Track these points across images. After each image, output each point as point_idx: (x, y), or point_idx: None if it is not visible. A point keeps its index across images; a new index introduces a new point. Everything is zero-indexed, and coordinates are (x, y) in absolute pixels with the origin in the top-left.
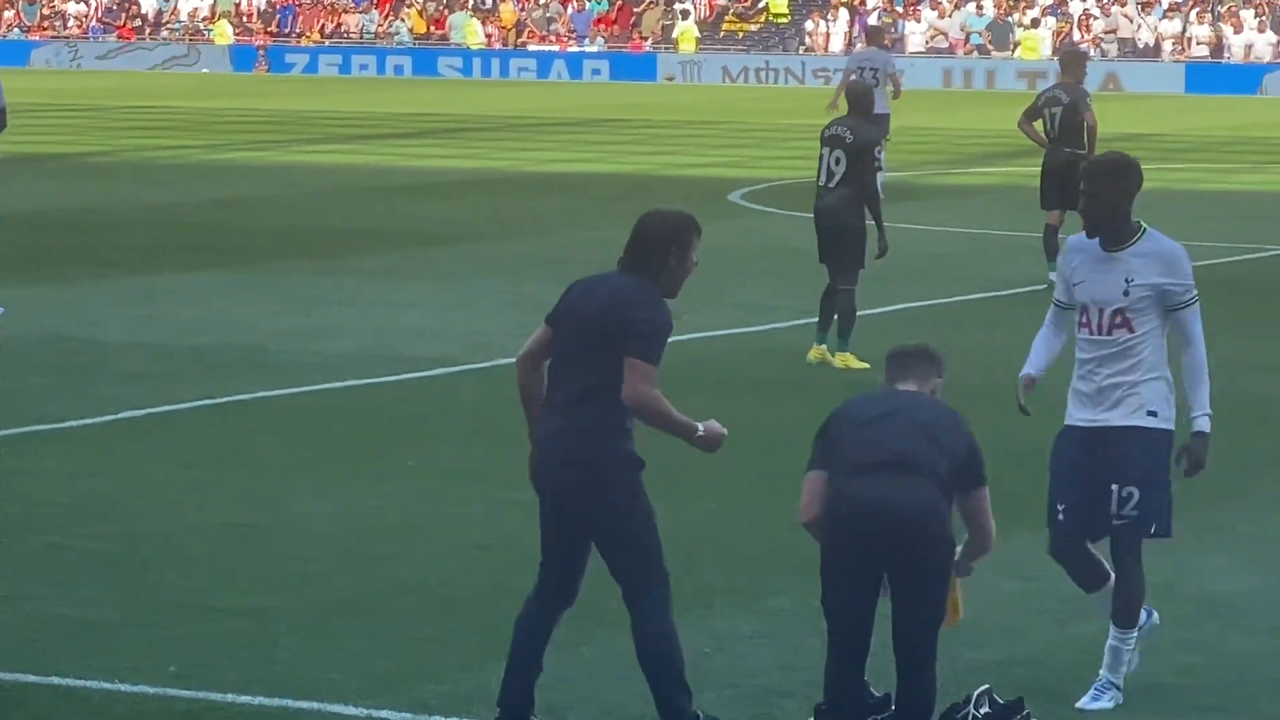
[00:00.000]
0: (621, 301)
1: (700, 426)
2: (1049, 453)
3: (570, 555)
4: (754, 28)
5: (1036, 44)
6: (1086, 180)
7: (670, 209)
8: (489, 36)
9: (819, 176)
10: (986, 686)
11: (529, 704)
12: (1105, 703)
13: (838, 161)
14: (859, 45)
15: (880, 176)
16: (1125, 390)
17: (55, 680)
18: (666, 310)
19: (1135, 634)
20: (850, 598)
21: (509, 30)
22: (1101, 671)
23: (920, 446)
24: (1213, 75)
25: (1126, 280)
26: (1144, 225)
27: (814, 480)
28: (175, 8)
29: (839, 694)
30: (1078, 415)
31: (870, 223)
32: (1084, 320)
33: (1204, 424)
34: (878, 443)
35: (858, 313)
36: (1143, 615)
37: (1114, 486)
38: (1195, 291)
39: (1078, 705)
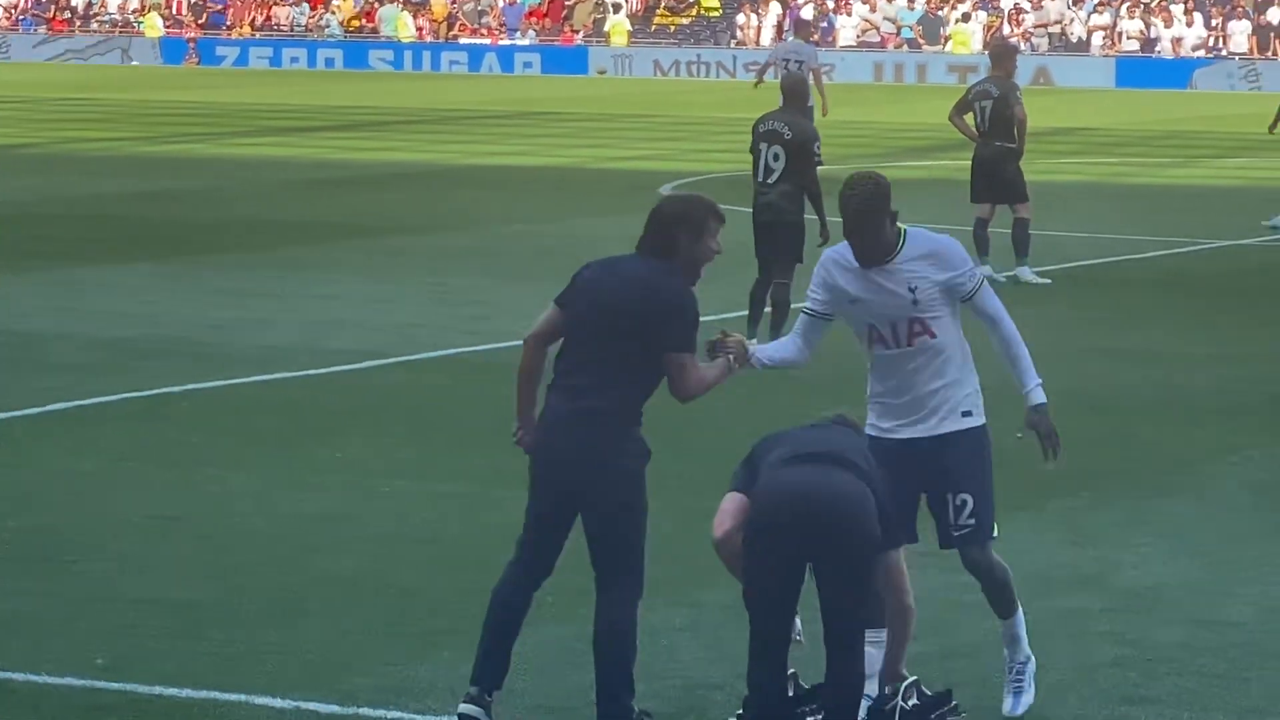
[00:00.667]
0: (650, 291)
1: (729, 360)
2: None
3: (559, 534)
4: (685, 21)
5: (967, 38)
6: (856, 221)
7: (686, 193)
8: (420, 29)
9: (756, 173)
10: (914, 678)
11: (505, 674)
12: (1028, 695)
13: (776, 157)
14: (788, 37)
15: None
16: (939, 397)
17: None
18: (693, 295)
19: (1020, 615)
20: (775, 589)
21: (440, 23)
22: (1010, 662)
23: (847, 447)
24: (1143, 70)
25: (910, 289)
26: (901, 227)
27: (731, 500)
28: (104, 0)
29: (763, 686)
30: (885, 425)
31: (810, 216)
32: (877, 338)
33: (1038, 394)
34: (804, 443)
35: (791, 305)
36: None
37: (948, 495)
38: (978, 273)
39: (1007, 712)
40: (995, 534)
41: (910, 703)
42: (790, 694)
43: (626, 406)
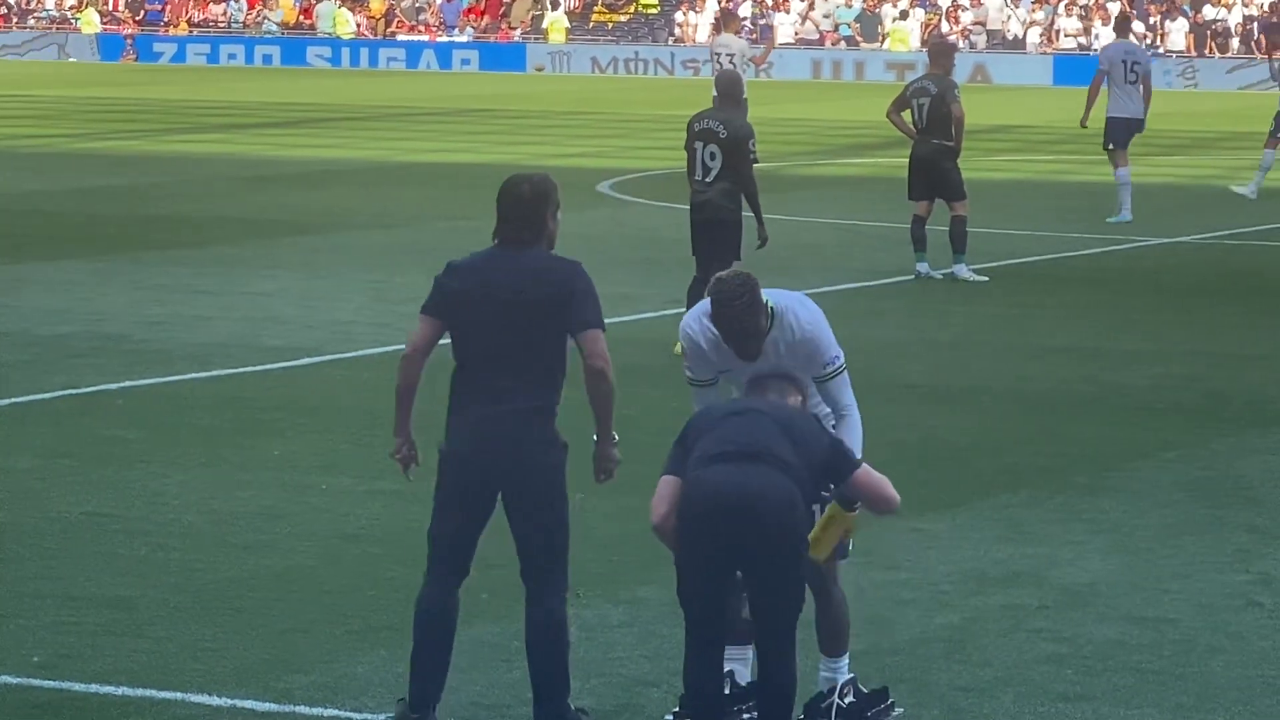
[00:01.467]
0: (556, 277)
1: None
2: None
3: (475, 535)
4: (623, 18)
5: (905, 35)
6: (738, 332)
7: (528, 174)
8: (358, 26)
9: (693, 171)
10: (852, 675)
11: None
12: None
13: (712, 156)
14: (713, 34)
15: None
16: None
17: None
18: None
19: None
20: (706, 587)
21: (378, 20)
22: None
23: (774, 440)
24: (1080, 67)
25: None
26: (769, 305)
27: (666, 484)
28: None
29: (699, 684)
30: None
31: (747, 214)
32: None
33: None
34: (731, 437)
35: None
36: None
37: None
38: (841, 360)
39: None
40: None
41: (847, 700)
42: (726, 692)
43: (551, 402)
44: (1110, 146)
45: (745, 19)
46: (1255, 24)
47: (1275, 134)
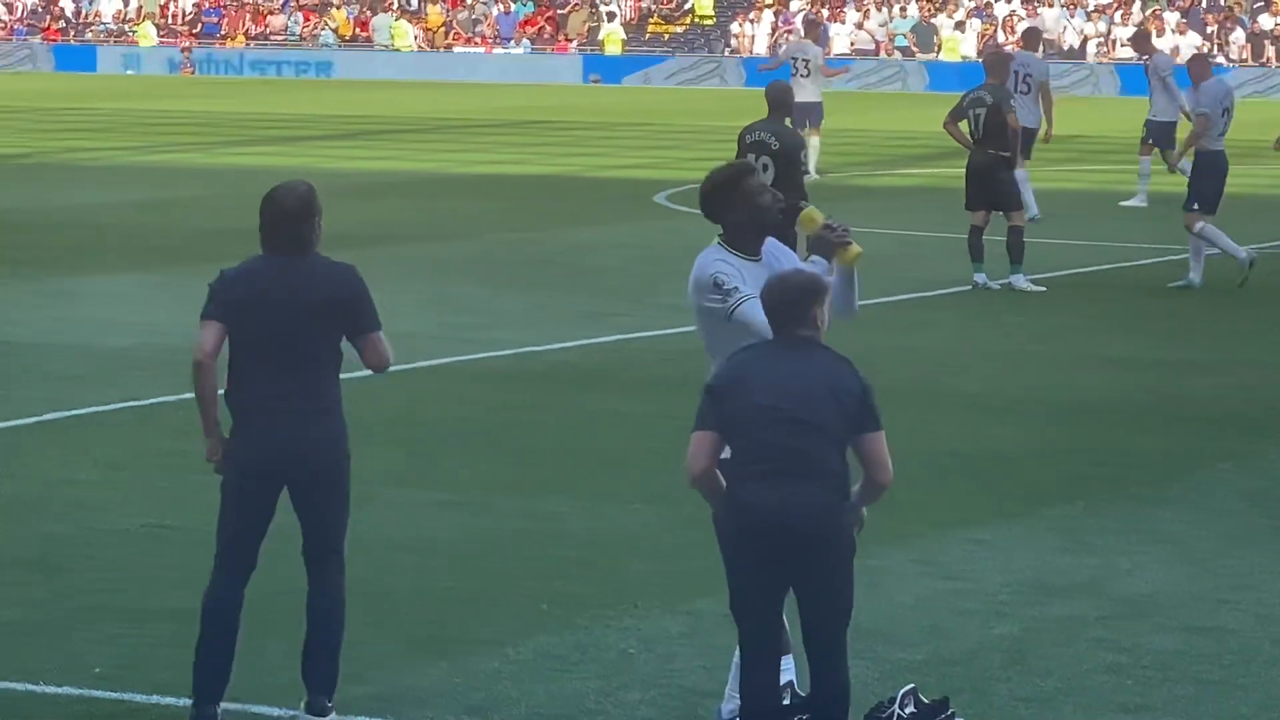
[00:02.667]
0: (339, 283)
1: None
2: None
3: (263, 534)
4: (679, 29)
5: (960, 46)
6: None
7: (290, 184)
8: (415, 39)
9: None
10: (912, 686)
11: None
12: None
13: (765, 168)
14: (794, 37)
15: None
16: None
17: None
18: None
19: None
20: (759, 604)
21: (435, 32)
22: None
23: (818, 419)
24: (1138, 76)
25: None
26: None
27: (704, 438)
28: (97, 10)
29: (758, 697)
30: None
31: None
32: None
33: None
34: (774, 442)
35: None
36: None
37: None
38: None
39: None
40: None
41: (907, 710)
42: (785, 703)
43: (337, 399)
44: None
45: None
46: None
47: (1146, 140)
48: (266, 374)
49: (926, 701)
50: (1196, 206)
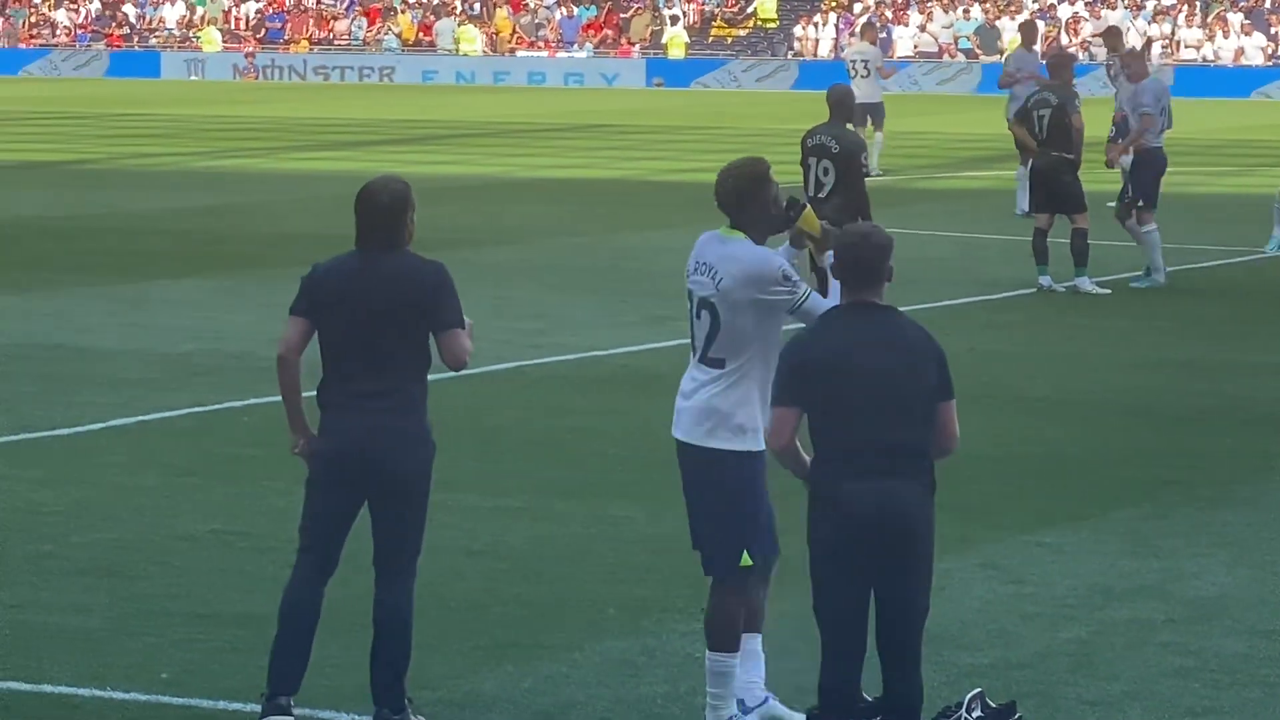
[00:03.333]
0: (426, 279)
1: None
2: (1040, 455)
3: (345, 533)
4: (743, 32)
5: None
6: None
7: (383, 178)
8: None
9: (807, 187)
10: (979, 690)
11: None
12: None
13: (826, 171)
14: (854, 40)
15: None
16: None
17: (46, 688)
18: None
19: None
20: (848, 600)
21: (499, 36)
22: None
23: (911, 399)
24: (1203, 79)
25: None
26: None
27: (789, 416)
28: (161, 16)
29: (837, 698)
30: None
31: None
32: None
33: None
34: (874, 434)
35: None
36: (760, 694)
37: None
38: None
39: None
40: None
41: (975, 714)
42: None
43: (424, 400)
44: None
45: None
46: None
47: (1115, 139)
48: (352, 371)
49: (994, 705)
50: (1143, 203)
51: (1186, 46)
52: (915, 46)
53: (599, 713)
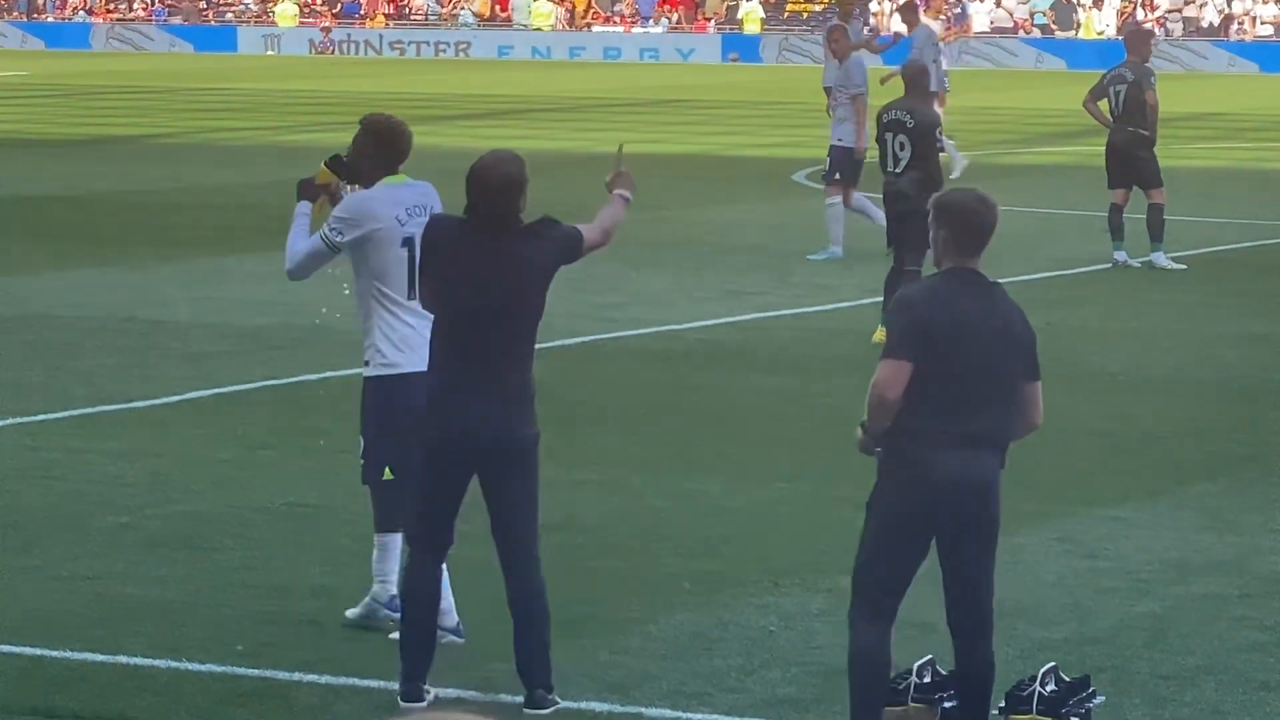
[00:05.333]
0: (556, 240)
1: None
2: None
3: (455, 510)
4: (818, 8)
5: (1099, 23)
6: None
7: (494, 156)
8: (556, 18)
9: (884, 162)
10: (1053, 664)
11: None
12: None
13: (902, 146)
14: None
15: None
16: None
17: (123, 659)
18: None
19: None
20: (909, 565)
21: (575, 11)
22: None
23: (1010, 375)
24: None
25: None
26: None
27: (904, 369)
28: None
29: (870, 649)
30: None
31: None
32: None
33: None
34: (976, 405)
35: None
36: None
37: None
38: None
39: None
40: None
41: (1049, 688)
42: (928, 680)
43: (528, 382)
44: None
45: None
46: None
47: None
48: (459, 354)
49: (1068, 679)
50: (839, 176)
51: (1262, 23)
52: (991, 23)
53: (673, 685)
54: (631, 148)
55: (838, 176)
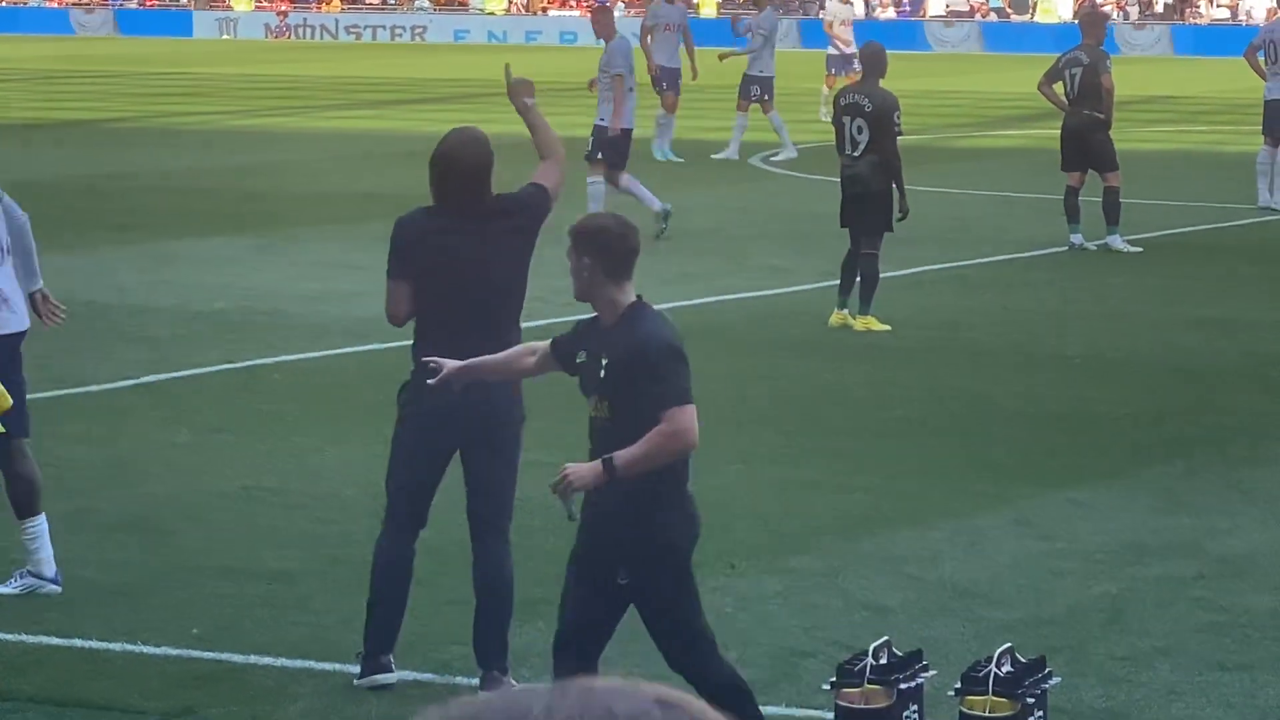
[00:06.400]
0: (527, 200)
1: None
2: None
3: (434, 488)
4: None
5: (1055, 7)
6: None
7: (460, 135)
8: (511, 3)
9: (841, 145)
10: (1009, 645)
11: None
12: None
13: (860, 130)
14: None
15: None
16: None
17: (79, 642)
18: None
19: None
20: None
21: None
22: None
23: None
24: (1229, 38)
25: None
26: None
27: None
28: None
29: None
30: None
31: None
32: None
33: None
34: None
35: (880, 275)
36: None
37: None
38: None
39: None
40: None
41: (1004, 669)
42: (884, 661)
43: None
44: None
45: None
46: None
47: (751, 96)
48: (448, 336)
49: (1024, 661)
50: (600, 156)
51: (1218, 6)
52: (947, 7)
53: (630, 668)
54: (587, 130)
55: (599, 156)
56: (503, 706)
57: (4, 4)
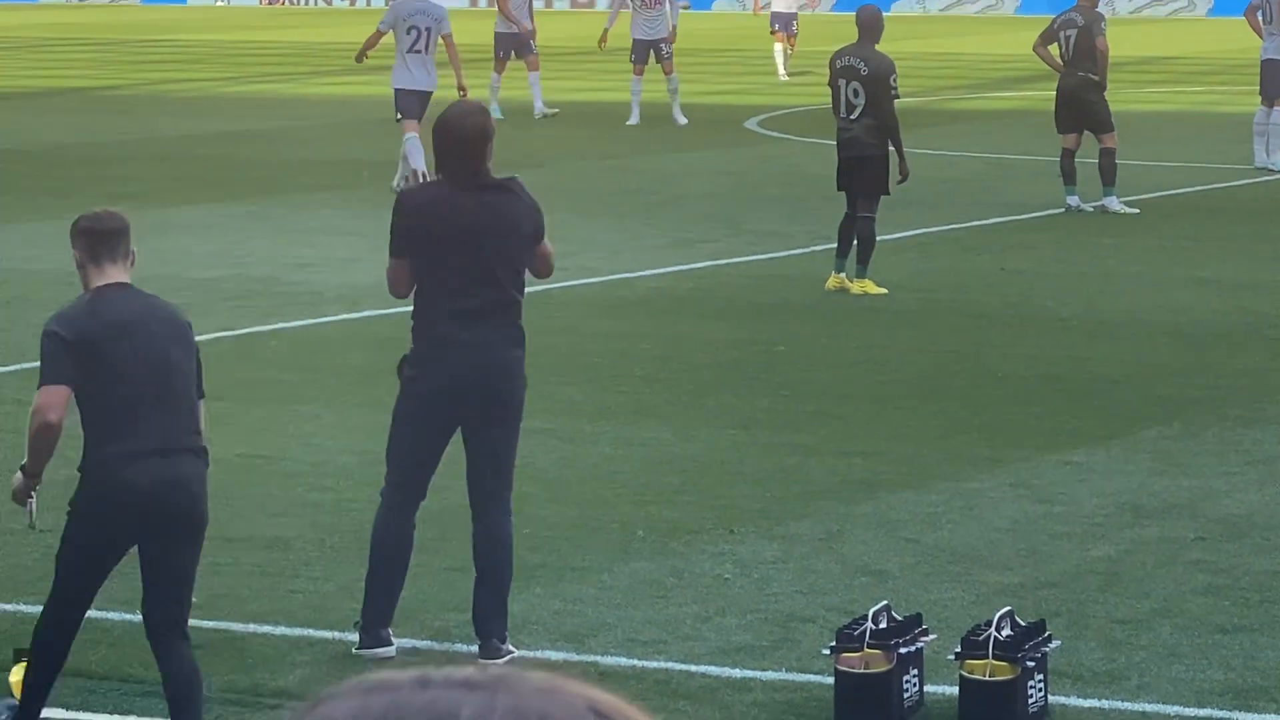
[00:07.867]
0: (531, 207)
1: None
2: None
3: (436, 461)
4: None
5: None
6: None
7: (458, 109)
8: None
9: (837, 108)
10: (1008, 609)
11: None
12: None
13: (855, 93)
14: None
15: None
16: None
17: None
18: None
19: None
20: None
21: None
22: None
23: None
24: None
25: None
26: None
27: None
28: None
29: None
30: None
31: (892, 149)
32: None
33: None
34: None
35: (876, 238)
36: None
37: None
38: None
39: None
40: None
41: (1004, 632)
42: (884, 625)
43: (520, 327)
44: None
45: None
46: None
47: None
48: (455, 292)
49: (1023, 624)
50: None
51: None
52: None
53: (628, 634)
54: (582, 96)
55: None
56: (426, 705)
57: None
